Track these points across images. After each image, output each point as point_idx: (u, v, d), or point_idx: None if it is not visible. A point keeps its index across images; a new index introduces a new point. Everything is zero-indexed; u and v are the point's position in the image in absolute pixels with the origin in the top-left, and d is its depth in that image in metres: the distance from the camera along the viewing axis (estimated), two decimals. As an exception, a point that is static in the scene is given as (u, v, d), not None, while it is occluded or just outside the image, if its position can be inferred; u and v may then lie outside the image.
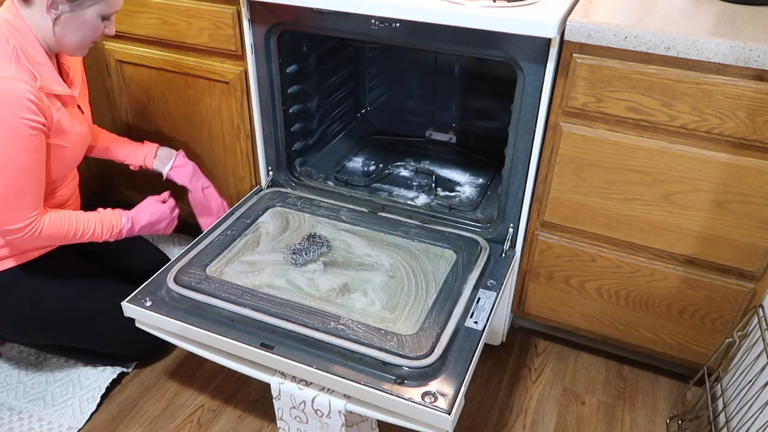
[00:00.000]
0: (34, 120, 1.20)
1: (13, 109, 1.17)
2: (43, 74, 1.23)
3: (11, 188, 1.22)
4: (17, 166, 1.21)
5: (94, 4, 1.22)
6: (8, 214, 1.23)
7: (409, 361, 1.12)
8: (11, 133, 1.18)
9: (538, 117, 1.32)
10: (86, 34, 1.27)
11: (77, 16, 1.22)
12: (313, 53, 1.72)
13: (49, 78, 1.25)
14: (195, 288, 1.29)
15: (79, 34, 1.26)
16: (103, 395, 1.50)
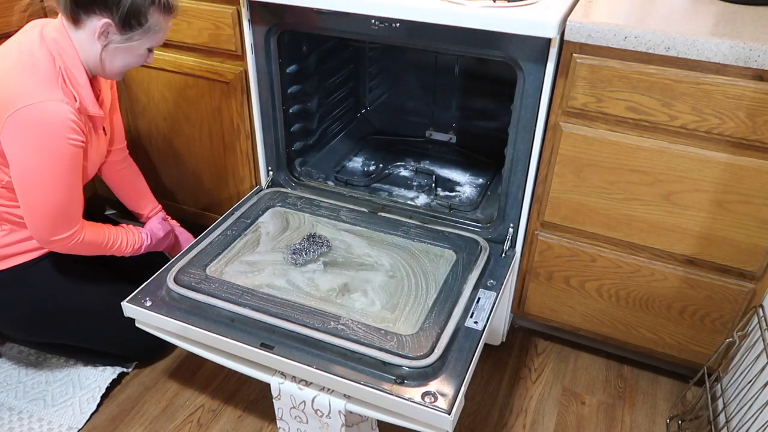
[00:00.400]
0: (77, 139, 1.24)
1: (61, 131, 1.21)
2: (82, 96, 1.27)
3: (60, 203, 1.28)
4: (64, 183, 1.26)
5: (144, 38, 1.26)
6: (57, 227, 1.30)
7: (409, 361, 1.12)
8: (59, 154, 1.23)
9: (538, 117, 1.32)
10: (131, 63, 1.31)
11: (126, 46, 1.26)
12: (313, 53, 1.72)
13: (86, 100, 1.28)
14: (195, 288, 1.29)
15: (124, 63, 1.30)
16: (103, 395, 1.50)
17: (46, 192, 1.25)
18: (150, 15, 1.23)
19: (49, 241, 1.31)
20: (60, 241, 1.32)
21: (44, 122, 1.20)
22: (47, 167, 1.23)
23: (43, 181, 1.24)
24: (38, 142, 1.21)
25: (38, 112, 1.19)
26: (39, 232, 1.30)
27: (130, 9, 1.20)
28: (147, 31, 1.25)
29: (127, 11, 1.20)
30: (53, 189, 1.25)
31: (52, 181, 1.25)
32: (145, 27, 1.24)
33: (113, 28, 1.22)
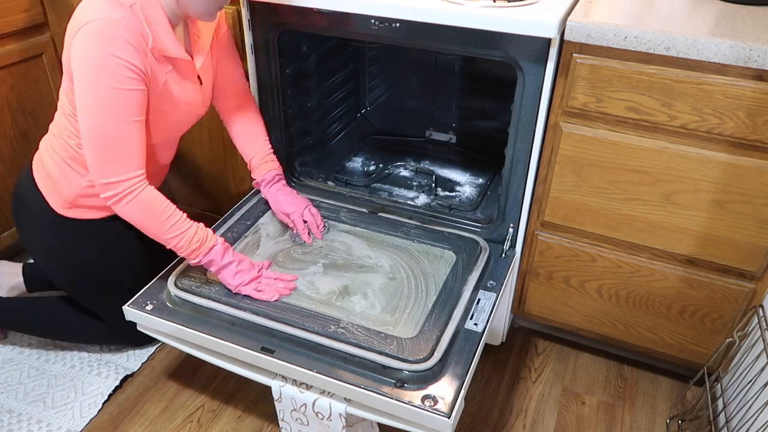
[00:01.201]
0: (130, 62, 1.16)
1: (108, 46, 1.14)
2: (158, 34, 1.21)
3: (109, 133, 1.18)
4: (115, 110, 1.17)
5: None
6: (106, 163, 1.20)
7: (408, 364, 1.12)
8: (104, 70, 1.15)
9: (538, 117, 1.31)
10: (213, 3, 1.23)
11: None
12: (313, 53, 1.72)
13: (164, 39, 1.22)
14: (196, 292, 1.29)
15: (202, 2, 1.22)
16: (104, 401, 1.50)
17: (93, 115, 1.17)
18: None
19: (100, 184, 1.22)
20: (110, 187, 1.21)
21: (92, 39, 1.14)
22: (96, 85, 1.16)
23: (93, 103, 1.17)
24: (89, 59, 1.15)
25: (90, 30, 1.14)
26: (92, 169, 1.21)
27: None
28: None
29: None
30: (98, 113, 1.17)
31: (96, 103, 1.17)
32: None
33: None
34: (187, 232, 1.27)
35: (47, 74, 1.82)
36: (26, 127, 1.80)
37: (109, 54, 1.14)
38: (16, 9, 1.67)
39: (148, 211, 1.24)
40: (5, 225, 1.82)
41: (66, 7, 1.73)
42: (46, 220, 1.40)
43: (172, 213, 1.26)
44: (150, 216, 1.25)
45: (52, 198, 1.38)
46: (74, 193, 1.36)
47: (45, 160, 1.39)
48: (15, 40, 1.70)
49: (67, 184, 1.36)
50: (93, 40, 1.15)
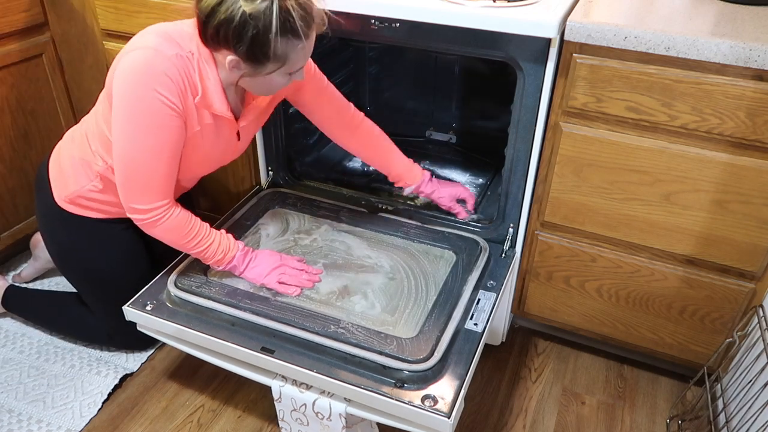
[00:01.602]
0: (168, 99, 1.14)
1: (152, 80, 1.13)
2: (208, 90, 1.19)
3: (140, 164, 1.19)
4: (148, 144, 1.17)
5: (278, 67, 1.14)
6: (136, 192, 1.22)
7: (408, 364, 1.12)
8: (145, 106, 1.14)
9: (538, 117, 1.31)
10: (272, 88, 1.22)
11: (262, 77, 1.16)
12: (313, 53, 1.71)
13: (213, 96, 1.20)
14: (196, 292, 1.29)
15: (264, 89, 1.22)
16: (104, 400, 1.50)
17: (126, 146, 1.18)
18: (277, 46, 1.08)
19: (128, 207, 1.24)
20: (139, 212, 1.23)
21: (136, 67, 1.13)
22: (132, 116, 1.16)
23: (126, 133, 1.17)
24: (129, 87, 1.14)
25: (135, 57, 1.13)
26: (121, 193, 1.23)
27: (252, 44, 1.08)
28: (280, 61, 1.12)
29: (248, 47, 1.08)
30: (132, 144, 1.17)
31: (132, 133, 1.16)
32: (275, 58, 1.11)
33: (241, 63, 1.12)
34: (212, 246, 1.30)
35: (47, 74, 1.82)
36: (26, 127, 1.80)
37: (152, 89, 1.13)
38: (16, 9, 1.66)
39: (174, 234, 1.27)
40: (5, 225, 1.82)
41: (66, 7, 1.73)
42: (49, 208, 1.42)
43: (197, 231, 1.29)
44: (176, 237, 1.28)
45: (57, 189, 1.40)
46: (76, 192, 1.37)
47: (62, 152, 1.41)
48: (15, 40, 1.70)
49: (73, 182, 1.37)
50: (138, 70, 1.13)
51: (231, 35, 1.08)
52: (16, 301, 1.68)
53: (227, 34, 1.08)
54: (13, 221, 1.83)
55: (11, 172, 1.78)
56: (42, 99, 1.82)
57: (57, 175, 1.40)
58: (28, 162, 1.83)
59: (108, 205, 1.38)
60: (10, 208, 1.81)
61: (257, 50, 1.09)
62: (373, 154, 1.54)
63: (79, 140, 1.36)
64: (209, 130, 1.26)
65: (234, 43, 1.09)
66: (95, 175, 1.34)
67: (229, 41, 1.09)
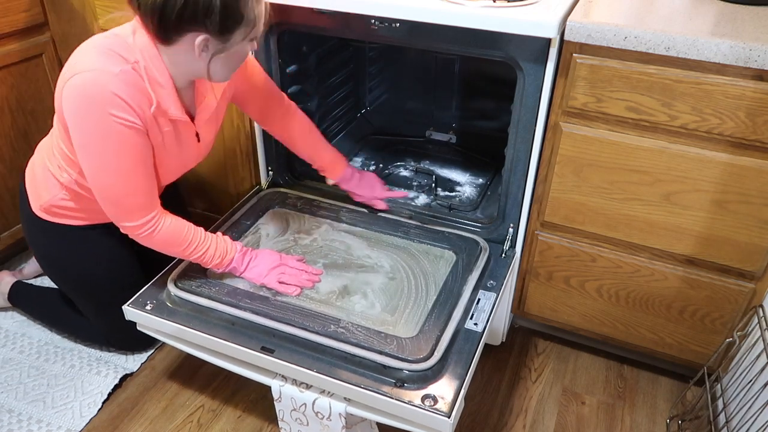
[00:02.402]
0: (124, 118, 1.12)
1: (101, 104, 1.10)
2: (162, 97, 1.17)
3: (118, 188, 1.18)
4: (120, 166, 1.16)
5: (245, 34, 1.12)
6: (122, 213, 1.22)
7: (408, 364, 1.12)
8: (104, 131, 1.12)
9: (538, 117, 1.31)
10: (236, 64, 1.20)
11: (230, 52, 1.14)
12: (313, 53, 1.72)
13: (167, 101, 1.18)
14: (195, 291, 1.29)
15: (229, 67, 1.19)
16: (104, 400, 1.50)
17: (99, 174, 1.17)
18: (246, 7, 1.07)
19: (120, 226, 1.24)
20: (131, 229, 1.23)
21: (86, 93, 1.10)
22: (95, 145, 1.13)
23: (94, 162, 1.15)
24: (83, 116, 1.12)
25: (82, 82, 1.10)
26: (108, 214, 1.23)
27: (223, 13, 1.05)
28: (249, 22, 1.10)
29: (220, 17, 1.05)
30: (104, 172, 1.16)
31: (102, 163, 1.15)
32: (246, 20, 1.09)
33: (212, 40, 1.09)
34: (209, 250, 1.30)
35: (47, 74, 1.82)
36: (26, 127, 1.80)
37: (107, 113, 1.10)
38: (16, 9, 1.67)
39: (171, 243, 1.27)
40: (5, 225, 1.82)
41: (66, 7, 1.73)
42: (29, 218, 1.43)
43: (193, 237, 1.29)
44: (173, 246, 1.28)
45: (33, 199, 1.41)
46: (49, 201, 1.37)
47: (35, 162, 1.42)
48: (15, 40, 1.70)
49: (44, 191, 1.38)
50: (87, 96, 1.10)
51: (199, 12, 1.04)
52: (22, 297, 1.70)
53: (194, 13, 1.05)
54: (13, 221, 1.83)
55: (11, 172, 1.78)
56: (42, 99, 1.82)
57: (31, 185, 1.41)
58: (28, 162, 1.82)
59: (83, 212, 1.39)
60: (10, 208, 1.81)
61: (230, 18, 1.07)
62: (302, 144, 1.54)
63: (48, 151, 1.36)
64: (170, 137, 1.25)
65: (202, 19, 1.05)
66: (61, 186, 1.35)
67: (196, 19, 1.06)
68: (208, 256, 1.30)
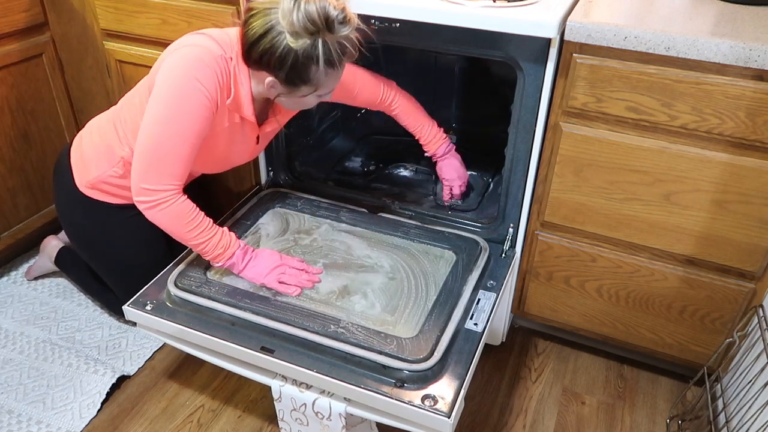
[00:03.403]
0: (208, 90, 1.22)
1: (196, 70, 1.20)
2: (240, 95, 1.27)
3: (165, 146, 1.23)
4: (180, 128, 1.23)
5: (311, 91, 1.23)
6: (151, 172, 1.25)
7: (408, 364, 1.12)
8: (185, 92, 1.21)
9: (538, 117, 1.31)
10: (303, 106, 1.31)
11: (296, 99, 1.25)
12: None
13: (243, 102, 1.28)
14: (195, 292, 1.29)
15: (295, 107, 1.32)
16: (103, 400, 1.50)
17: (156, 125, 1.23)
18: (313, 73, 1.17)
19: (138, 187, 1.26)
20: (145, 192, 1.26)
21: (184, 58, 1.22)
22: (167, 100, 1.21)
23: (158, 114, 1.22)
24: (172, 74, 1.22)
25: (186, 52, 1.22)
26: (135, 171, 1.27)
27: (292, 70, 1.16)
28: (313, 85, 1.21)
29: (288, 72, 1.17)
30: (163, 127, 1.22)
31: (166, 117, 1.22)
32: (310, 83, 1.20)
33: (279, 85, 1.21)
34: (212, 240, 1.31)
35: (47, 74, 1.82)
36: (26, 127, 1.80)
37: (194, 77, 1.20)
38: (16, 9, 1.67)
39: (176, 221, 1.29)
40: (5, 225, 1.81)
41: (66, 7, 1.73)
42: (70, 194, 1.49)
43: (199, 222, 1.30)
44: (177, 225, 1.29)
45: (78, 176, 1.47)
46: (98, 178, 1.44)
47: (84, 140, 1.48)
48: (15, 40, 1.70)
49: (95, 168, 1.44)
50: (185, 60, 1.21)
51: (273, 63, 1.16)
52: (67, 261, 1.78)
53: (270, 62, 1.16)
54: (13, 221, 1.83)
55: (11, 172, 1.78)
56: (42, 99, 1.82)
57: (78, 162, 1.47)
58: (28, 162, 1.83)
59: (128, 191, 1.39)
60: (10, 208, 1.81)
61: (295, 78, 1.18)
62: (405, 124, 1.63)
63: (105, 128, 1.44)
64: (236, 130, 1.33)
65: (275, 69, 1.17)
66: (118, 160, 1.41)
67: (270, 67, 1.17)
68: (210, 245, 1.31)
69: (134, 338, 1.66)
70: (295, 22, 1.10)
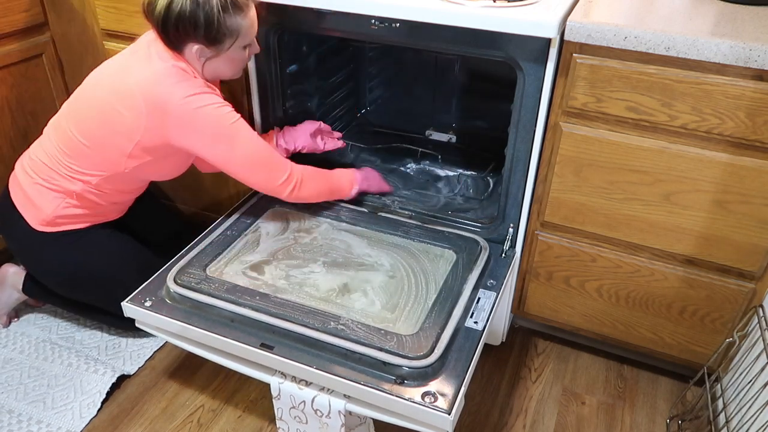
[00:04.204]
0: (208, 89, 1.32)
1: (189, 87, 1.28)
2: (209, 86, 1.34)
3: (251, 149, 1.34)
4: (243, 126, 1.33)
5: (234, 42, 1.30)
6: (275, 172, 1.38)
7: (409, 361, 1.12)
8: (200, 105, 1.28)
9: (538, 117, 1.32)
10: (237, 64, 1.38)
11: (222, 55, 1.32)
12: (313, 53, 1.72)
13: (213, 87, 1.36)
14: (195, 288, 1.29)
15: (230, 67, 1.37)
16: (103, 400, 1.50)
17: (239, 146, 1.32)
18: (226, 22, 1.26)
19: (275, 189, 1.40)
20: (286, 184, 1.39)
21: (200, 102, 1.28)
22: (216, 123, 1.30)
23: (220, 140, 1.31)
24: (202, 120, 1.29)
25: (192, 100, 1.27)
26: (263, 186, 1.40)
27: (206, 27, 1.24)
28: (233, 35, 1.29)
29: (204, 30, 1.25)
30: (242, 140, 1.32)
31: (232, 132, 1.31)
32: (229, 33, 1.28)
33: (205, 49, 1.29)
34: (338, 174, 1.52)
35: (47, 74, 1.82)
36: (26, 127, 1.80)
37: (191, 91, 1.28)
38: (16, 9, 1.67)
39: (318, 182, 1.46)
40: (5, 224, 1.81)
41: (66, 7, 1.73)
42: (27, 236, 1.46)
43: (324, 171, 1.48)
44: (321, 184, 1.47)
45: (30, 216, 1.45)
46: (53, 213, 1.43)
47: (22, 181, 1.46)
48: (15, 40, 1.70)
49: (46, 205, 1.43)
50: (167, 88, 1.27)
51: (188, 26, 1.24)
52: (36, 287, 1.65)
53: (185, 27, 1.24)
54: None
55: (11, 172, 1.78)
56: (42, 99, 1.82)
57: (25, 204, 1.45)
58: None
59: (85, 217, 1.45)
60: (10, 207, 1.81)
61: (212, 30, 1.25)
62: None
63: (41, 169, 1.42)
64: None
65: (193, 31, 1.25)
66: (70, 194, 1.41)
67: (188, 32, 1.25)
68: (344, 179, 1.52)
69: (134, 338, 1.66)
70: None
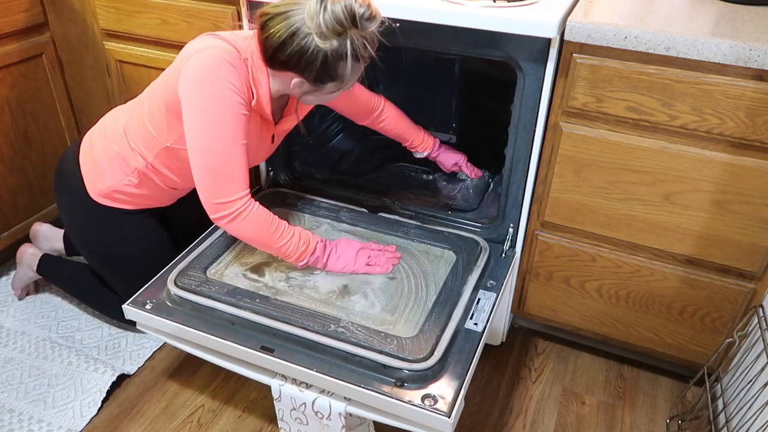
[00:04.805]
0: (239, 89, 1.21)
1: (220, 72, 1.19)
2: (260, 95, 1.26)
3: (220, 155, 1.22)
4: (226, 133, 1.22)
5: (336, 86, 1.23)
6: (219, 186, 1.24)
7: (408, 363, 1.12)
8: (218, 96, 1.20)
9: (538, 117, 1.31)
10: (326, 100, 1.32)
11: (321, 93, 1.25)
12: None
13: (263, 99, 1.27)
14: (195, 291, 1.29)
15: (319, 102, 1.33)
16: (103, 399, 1.50)
17: (206, 140, 1.22)
18: (341, 69, 1.18)
19: (211, 204, 1.25)
20: (221, 207, 1.24)
21: (207, 63, 1.19)
22: (204, 110, 1.20)
23: (201, 128, 1.21)
24: (201, 80, 1.19)
25: (204, 56, 1.19)
26: (203, 190, 1.25)
27: (322, 69, 1.16)
28: (339, 80, 1.21)
29: (317, 71, 1.17)
30: (212, 138, 1.21)
31: (210, 127, 1.21)
32: (337, 79, 1.20)
33: (306, 84, 1.21)
34: (293, 238, 1.31)
35: (47, 74, 1.82)
36: (26, 127, 1.80)
37: (224, 79, 1.19)
38: (16, 9, 1.67)
39: (259, 228, 1.28)
40: (5, 225, 1.82)
41: (66, 7, 1.73)
42: (80, 202, 1.46)
43: (278, 224, 1.30)
44: (260, 231, 1.29)
45: (90, 184, 1.44)
46: (112, 187, 1.42)
47: (95, 148, 1.44)
48: (15, 40, 1.70)
49: (109, 177, 1.42)
50: (208, 65, 1.19)
51: (302, 64, 1.15)
52: (52, 268, 1.73)
53: (298, 63, 1.16)
54: (13, 221, 1.83)
55: (11, 172, 1.78)
56: (42, 99, 1.82)
57: (90, 170, 1.44)
58: (28, 162, 1.83)
59: (140, 198, 1.44)
60: (10, 208, 1.82)
61: (324, 76, 1.18)
62: (393, 133, 1.66)
63: (116, 137, 1.40)
64: (255, 131, 1.32)
65: (303, 69, 1.17)
66: (132, 171, 1.39)
67: (299, 68, 1.17)
68: (293, 244, 1.31)
69: (134, 338, 1.66)
70: (323, 24, 1.10)
